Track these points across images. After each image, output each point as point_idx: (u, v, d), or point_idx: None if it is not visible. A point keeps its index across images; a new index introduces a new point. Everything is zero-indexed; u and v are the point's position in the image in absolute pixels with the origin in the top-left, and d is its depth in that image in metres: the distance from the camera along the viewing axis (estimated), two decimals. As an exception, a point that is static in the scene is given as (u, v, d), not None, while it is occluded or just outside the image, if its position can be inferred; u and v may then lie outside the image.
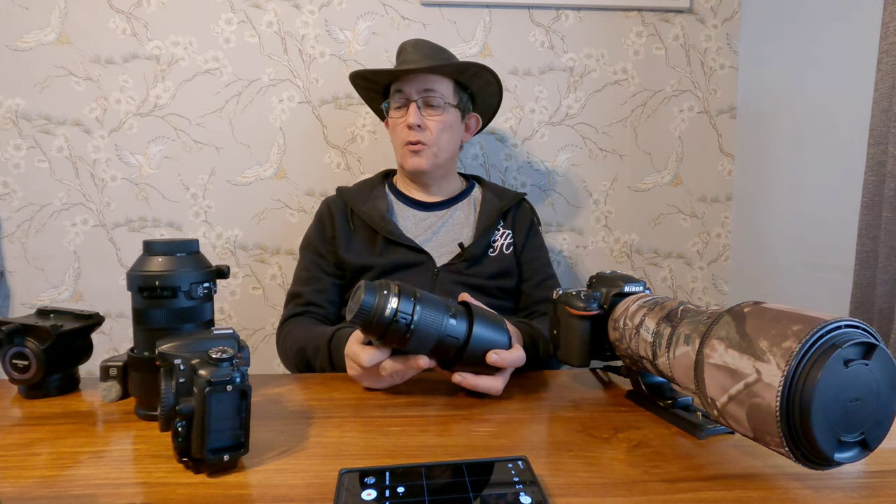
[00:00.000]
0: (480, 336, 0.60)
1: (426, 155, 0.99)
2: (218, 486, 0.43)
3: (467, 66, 0.99)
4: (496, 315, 0.64)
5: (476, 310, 0.63)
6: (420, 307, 0.57)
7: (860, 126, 0.95)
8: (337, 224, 1.01)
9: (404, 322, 0.56)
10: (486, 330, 0.61)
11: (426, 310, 0.58)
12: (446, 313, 0.59)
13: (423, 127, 0.98)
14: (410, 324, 0.56)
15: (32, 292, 1.29)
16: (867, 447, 0.39)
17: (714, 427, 0.53)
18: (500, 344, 0.62)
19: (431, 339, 0.58)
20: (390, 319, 0.56)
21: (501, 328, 0.63)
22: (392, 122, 1.02)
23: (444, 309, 0.59)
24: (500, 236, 1.03)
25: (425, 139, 0.98)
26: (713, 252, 1.42)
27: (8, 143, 1.25)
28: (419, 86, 0.98)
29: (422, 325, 0.57)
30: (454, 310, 0.60)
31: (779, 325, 0.39)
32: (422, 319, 0.57)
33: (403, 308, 0.56)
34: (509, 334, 0.63)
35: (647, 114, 1.37)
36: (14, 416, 0.58)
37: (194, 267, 0.58)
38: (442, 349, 0.60)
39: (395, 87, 1.01)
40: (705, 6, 1.35)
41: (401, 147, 1.01)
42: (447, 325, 0.58)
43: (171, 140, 1.29)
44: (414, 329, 0.57)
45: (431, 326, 0.57)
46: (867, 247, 0.88)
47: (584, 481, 0.44)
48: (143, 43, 1.26)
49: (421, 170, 1.00)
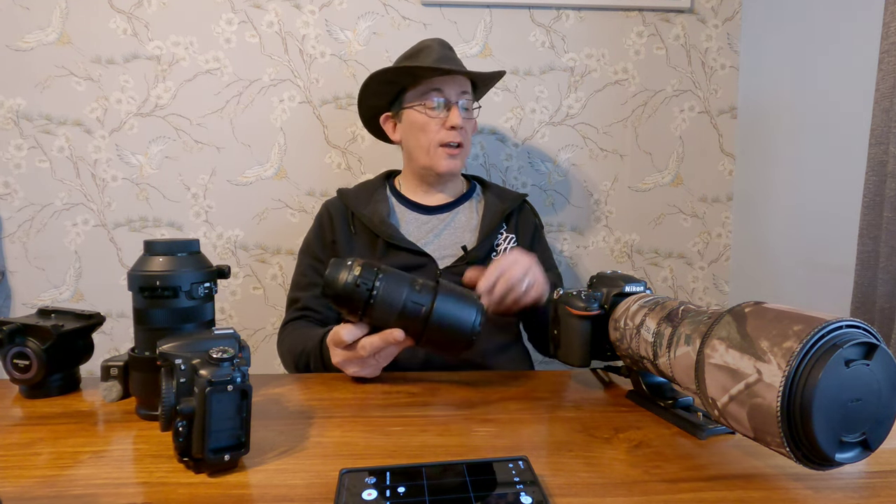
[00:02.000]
0: (444, 305, 0.62)
1: (461, 157, 1.01)
2: (218, 485, 0.43)
3: (500, 75, 1.06)
4: (465, 290, 0.66)
5: (443, 283, 0.64)
6: (383, 276, 0.61)
7: (861, 126, 0.95)
8: (337, 228, 1.01)
9: (366, 287, 0.60)
10: (450, 300, 0.62)
11: (389, 279, 0.61)
12: (410, 285, 0.62)
13: (463, 129, 0.99)
14: (372, 289, 0.60)
15: (33, 292, 1.29)
16: (868, 447, 0.39)
17: (715, 427, 0.53)
18: (466, 315, 0.62)
19: (395, 308, 0.61)
20: (352, 285, 0.60)
21: (468, 301, 0.63)
22: (424, 121, 0.98)
23: (409, 282, 0.62)
24: (503, 240, 1.02)
25: (464, 140, 1.00)
26: (714, 252, 1.42)
27: (9, 143, 1.25)
28: (459, 88, 0.99)
29: (384, 291, 0.60)
30: (420, 283, 0.62)
31: (780, 326, 0.39)
32: (384, 286, 0.61)
33: (364, 276, 0.60)
34: (478, 308, 0.64)
35: (648, 114, 1.37)
36: (15, 416, 0.58)
37: (195, 267, 0.58)
38: (408, 319, 0.61)
39: (429, 85, 0.98)
40: (706, 6, 1.35)
41: (434, 148, 0.98)
42: (409, 293, 0.61)
43: (171, 140, 1.29)
44: (376, 297, 0.60)
45: (393, 295, 0.61)
46: (868, 247, 0.88)
47: (584, 481, 0.44)
48: (144, 43, 1.26)
49: (455, 172, 1.01)
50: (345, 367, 0.68)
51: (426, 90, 0.98)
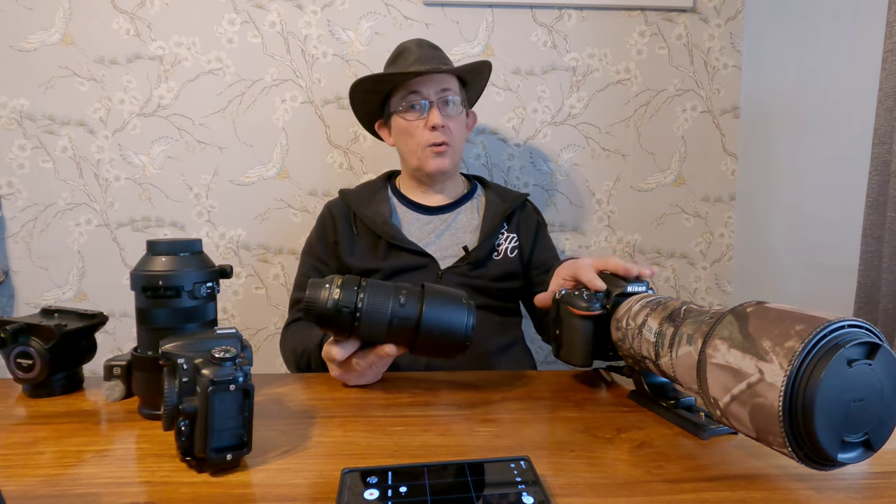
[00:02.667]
0: (433, 313, 0.60)
1: (449, 155, 0.99)
2: (221, 485, 0.44)
3: (484, 65, 1.03)
4: (452, 291, 0.64)
5: (429, 288, 0.62)
6: (364, 294, 0.59)
7: (864, 125, 0.95)
8: (340, 229, 1.01)
9: (347, 311, 0.58)
10: (438, 306, 0.61)
11: (371, 296, 0.59)
12: (395, 297, 0.60)
13: (446, 127, 0.98)
14: (356, 311, 0.58)
15: (37, 292, 1.30)
16: (871, 447, 0.38)
17: (717, 427, 0.52)
18: (457, 319, 0.61)
19: (382, 324, 0.59)
20: (333, 309, 0.58)
21: (457, 303, 0.62)
22: (407, 126, 0.99)
23: (393, 293, 0.60)
24: (504, 240, 1.02)
25: (449, 139, 0.98)
26: (716, 252, 1.42)
27: (12, 144, 1.25)
28: (436, 86, 0.98)
29: (368, 311, 0.59)
30: (405, 292, 0.60)
31: (782, 325, 0.39)
32: (367, 305, 0.59)
33: (345, 298, 0.58)
34: (468, 309, 0.62)
35: (650, 113, 1.37)
36: (18, 415, 0.58)
37: (197, 267, 0.58)
38: (398, 333, 0.60)
39: (407, 88, 0.98)
40: (708, 5, 1.35)
41: (421, 150, 0.98)
42: (395, 308, 0.59)
43: (174, 140, 1.29)
44: (360, 317, 0.59)
45: (378, 311, 0.59)
46: (871, 247, 0.88)
47: (586, 481, 0.44)
48: (147, 43, 1.26)
49: (444, 170, 1.00)
50: (343, 379, 0.67)
51: (405, 94, 0.98)
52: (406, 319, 0.59)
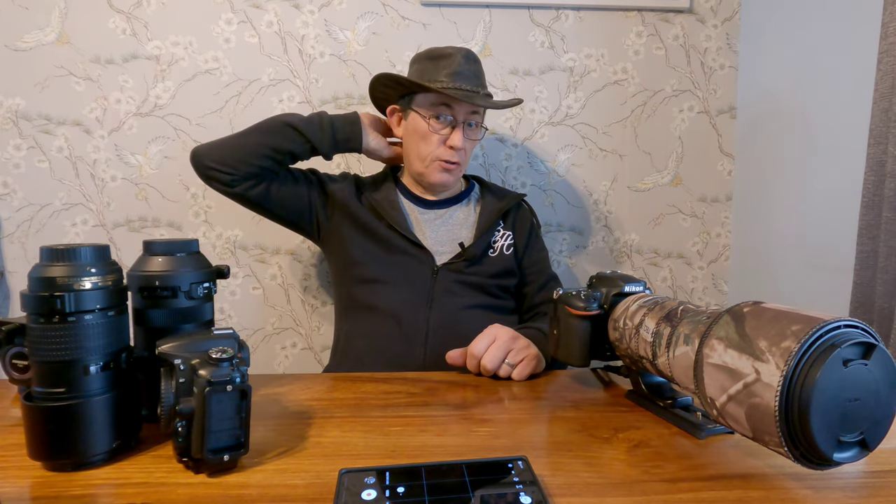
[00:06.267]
0: None
1: (456, 173, 1.01)
2: (218, 486, 0.43)
3: (518, 102, 1.06)
4: None
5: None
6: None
7: (860, 126, 0.95)
8: (347, 192, 1.04)
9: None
10: None
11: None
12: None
13: (464, 150, 0.99)
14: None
15: (32, 292, 1.29)
16: (866, 447, 0.39)
17: (714, 427, 0.53)
18: None
19: None
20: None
21: None
22: (426, 131, 0.97)
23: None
24: (500, 237, 1.03)
25: (461, 159, 0.99)
26: (713, 252, 1.42)
27: (8, 143, 1.25)
28: (469, 108, 0.98)
29: None
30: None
31: (778, 325, 0.39)
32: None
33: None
34: None
35: (647, 114, 1.37)
36: (14, 416, 0.58)
37: (194, 267, 0.58)
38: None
39: (440, 99, 0.96)
40: (705, 6, 1.35)
41: (430, 160, 0.98)
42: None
43: (171, 140, 1.29)
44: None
45: None
46: (867, 247, 0.88)
47: (584, 481, 0.44)
48: (143, 43, 1.26)
49: (447, 185, 1.02)
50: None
51: (437, 103, 0.97)
52: None
